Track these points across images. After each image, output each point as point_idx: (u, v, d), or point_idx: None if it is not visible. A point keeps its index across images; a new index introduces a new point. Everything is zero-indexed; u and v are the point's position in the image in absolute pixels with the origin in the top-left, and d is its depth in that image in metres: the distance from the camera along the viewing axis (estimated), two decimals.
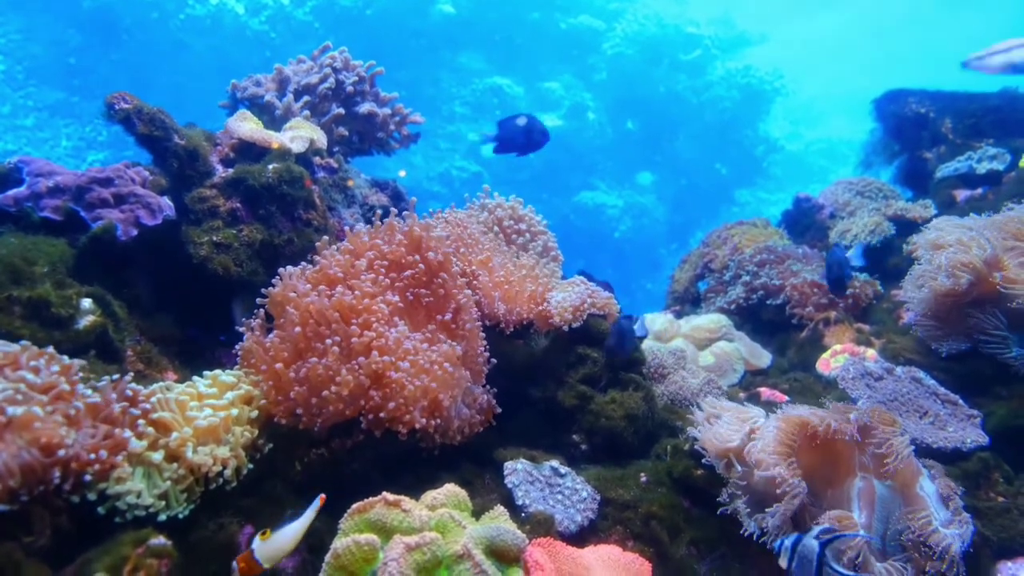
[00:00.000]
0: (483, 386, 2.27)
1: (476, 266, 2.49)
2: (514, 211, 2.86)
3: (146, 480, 1.64)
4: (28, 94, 11.60)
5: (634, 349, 2.53)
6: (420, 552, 1.42)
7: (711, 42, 15.02)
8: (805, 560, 1.60)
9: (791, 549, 1.63)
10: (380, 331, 1.98)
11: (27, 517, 1.48)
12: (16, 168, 2.32)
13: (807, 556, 1.60)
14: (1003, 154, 3.78)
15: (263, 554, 1.47)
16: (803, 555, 1.61)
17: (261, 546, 1.47)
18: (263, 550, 1.47)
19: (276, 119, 3.07)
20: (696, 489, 2.07)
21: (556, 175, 13.81)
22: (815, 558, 1.59)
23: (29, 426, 1.45)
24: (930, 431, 2.33)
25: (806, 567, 1.60)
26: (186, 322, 2.49)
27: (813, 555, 1.59)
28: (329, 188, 2.97)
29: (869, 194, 4.23)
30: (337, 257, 2.21)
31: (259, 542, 1.48)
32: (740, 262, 3.81)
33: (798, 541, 1.64)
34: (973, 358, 2.60)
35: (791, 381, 2.90)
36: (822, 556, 1.59)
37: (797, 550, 1.62)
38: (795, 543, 1.64)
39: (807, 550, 1.61)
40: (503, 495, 1.94)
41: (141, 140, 2.47)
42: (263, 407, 1.97)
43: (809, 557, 1.59)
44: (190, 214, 2.47)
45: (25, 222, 2.22)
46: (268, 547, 1.48)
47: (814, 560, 1.58)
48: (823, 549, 1.60)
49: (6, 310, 1.84)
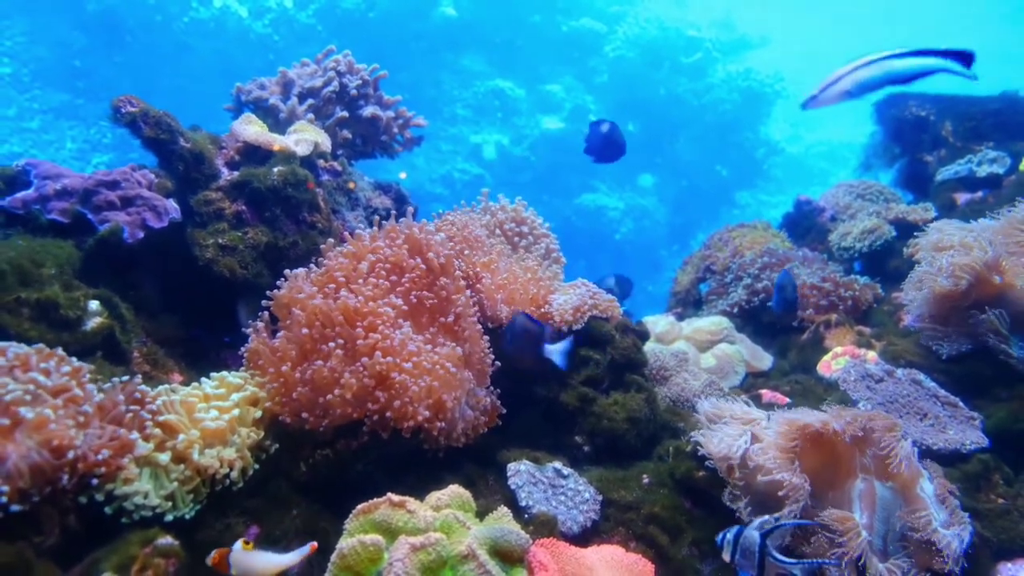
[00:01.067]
0: (487, 388, 2.29)
1: (479, 268, 2.51)
2: (517, 214, 2.87)
3: (153, 481, 1.66)
4: (33, 96, 11.63)
5: (533, 346, 2.29)
6: (425, 552, 1.43)
7: (712, 45, 15.03)
8: (747, 552, 1.63)
9: (733, 542, 1.66)
10: (386, 333, 2.00)
11: (37, 517, 1.50)
12: (24, 171, 2.34)
13: (749, 548, 1.63)
14: (1003, 157, 3.79)
15: (236, 562, 1.50)
16: (745, 547, 1.63)
17: (239, 554, 1.50)
18: (238, 558, 1.50)
19: (280, 122, 3.09)
20: (698, 490, 2.09)
21: (557, 177, 13.82)
22: (757, 549, 1.61)
23: (40, 428, 1.47)
24: (930, 433, 2.34)
25: (749, 558, 1.62)
26: (191, 324, 2.52)
27: (755, 546, 1.61)
28: (333, 191, 2.99)
29: (870, 197, 4.24)
30: (341, 260, 2.23)
31: (240, 548, 1.50)
32: (741, 265, 3.82)
33: (739, 533, 1.66)
34: (973, 360, 2.61)
35: (792, 383, 2.91)
36: (763, 547, 1.61)
37: (739, 542, 1.65)
38: (737, 535, 1.66)
39: (748, 542, 1.63)
40: (506, 496, 1.96)
41: (147, 143, 2.49)
42: (268, 408, 1.99)
43: (751, 548, 1.62)
44: (196, 216, 2.48)
45: (33, 224, 2.24)
46: (243, 559, 1.50)
47: (756, 551, 1.61)
48: (764, 540, 1.62)
49: (15, 312, 1.86)
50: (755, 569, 1.61)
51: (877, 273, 3.68)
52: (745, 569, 1.63)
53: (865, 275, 3.71)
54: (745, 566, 1.63)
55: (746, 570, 1.63)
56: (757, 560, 1.61)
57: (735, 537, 1.66)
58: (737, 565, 1.65)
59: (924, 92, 4.47)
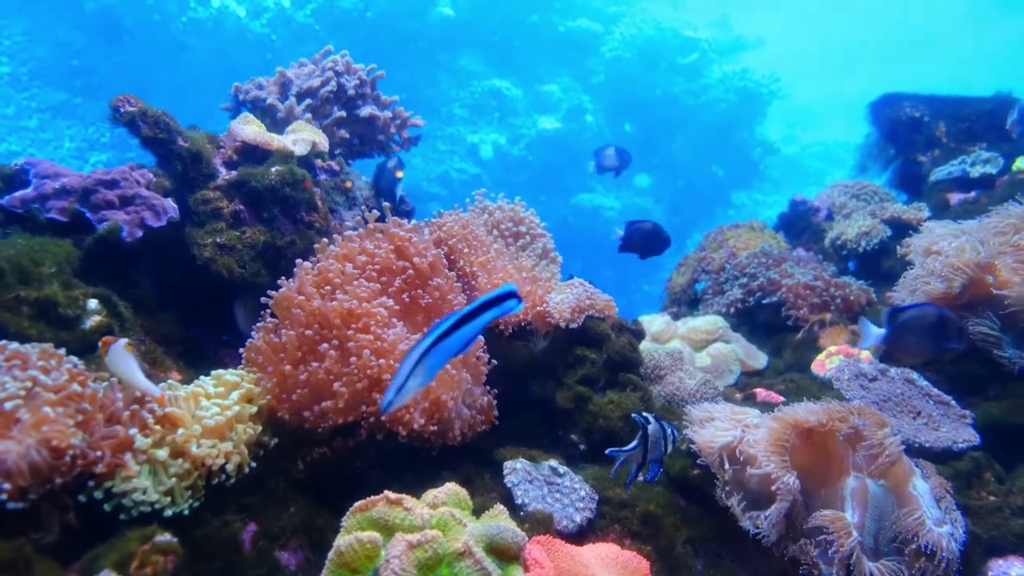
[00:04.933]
0: (484, 387, 2.30)
1: (476, 267, 2.52)
2: (515, 213, 2.89)
3: (152, 477, 1.67)
4: (32, 95, 11.61)
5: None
6: (422, 549, 1.44)
7: (708, 45, 15.07)
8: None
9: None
10: (378, 334, 2.01)
11: (36, 514, 1.51)
12: (22, 170, 2.35)
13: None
14: (996, 158, 3.82)
15: (111, 354, 1.70)
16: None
17: (117, 350, 1.70)
18: (114, 353, 1.70)
19: (278, 122, 3.10)
20: (692, 488, 2.11)
21: (554, 177, 13.84)
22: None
23: (40, 426, 1.48)
24: (923, 431, 2.36)
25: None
26: (189, 322, 2.52)
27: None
28: (331, 190, 3.00)
29: (864, 197, 4.27)
30: (331, 261, 2.24)
31: (122, 346, 1.71)
32: (737, 265, 3.85)
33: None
34: (966, 359, 2.63)
35: (787, 382, 2.93)
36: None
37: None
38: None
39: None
40: (503, 494, 1.97)
41: (146, 142, 2.50)
42: (265, 405, 2.00)
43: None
44: (194, 216, 2.49)
45: (32, 223, 2.24)
46: (117, 356, 1.70)
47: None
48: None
49: (14, 310, 1.87)
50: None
51: (872, 273, 3.71)
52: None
53: (860, 275, 3.73)
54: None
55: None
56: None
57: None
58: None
59: (919, 93, 4.50)
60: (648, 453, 1.81)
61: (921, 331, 2.28)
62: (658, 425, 1.83)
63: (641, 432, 1.81)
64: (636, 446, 1.81)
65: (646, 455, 1.82)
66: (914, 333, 2.29)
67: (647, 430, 1.81)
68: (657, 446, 1.81)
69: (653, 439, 1.81)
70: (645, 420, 1.83)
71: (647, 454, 1.81)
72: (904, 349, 2.35)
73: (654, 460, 1.83)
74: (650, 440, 1.81)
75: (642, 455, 1.82)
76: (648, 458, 1.82)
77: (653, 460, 1.83)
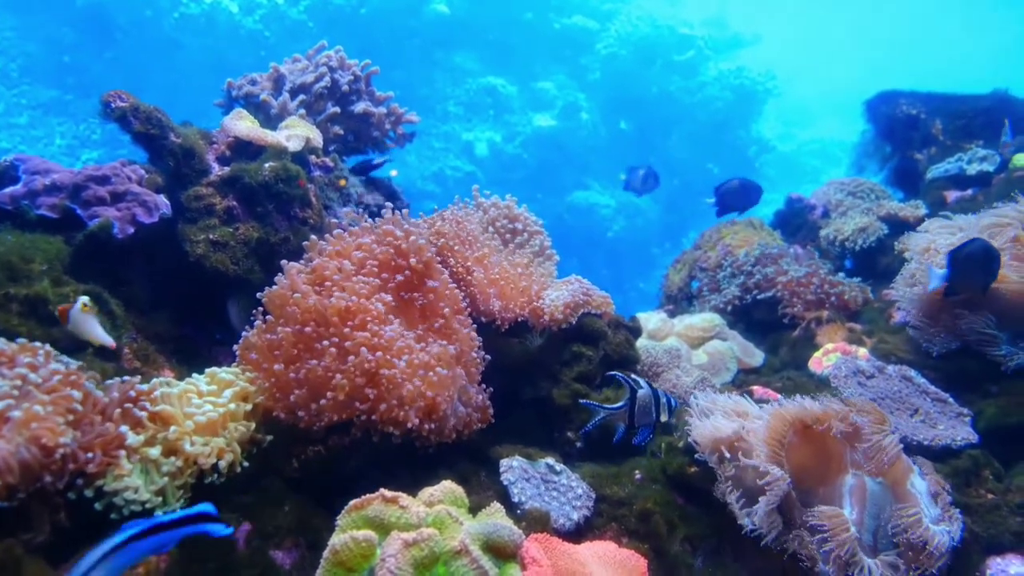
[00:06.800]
0: (479, 384, 2.28)
1: (472, 263, 2.50)
2: (509, 211, 2.87)
3: (144, 476, 1.65)
4: (22, 92, 11.53)
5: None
6: (418, 548, 1.43)
7: (704, 43, 15.06)
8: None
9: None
10: (375, 330, 1.99)
11: (26, 514, 1.48)
12: (12, 166, 2.32)
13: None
14: (993, 155, 3.81)
15: (73, 318, 1.86)
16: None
17: (78, 313, 1.86)
18: (76, 316, 1.86)
19: (272, 118, 3.07)
20: (690, 486, 2.09)
21: (549, 175, 13.81)
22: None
23: (29, 424, 1.46)
24: (921, 429, 2.36)
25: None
26: (182, 320, 2.50)
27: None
28: (325, 187, 2.98)
29: (861, 194, 4.26)
30: (327, 259, 2.21)
31: (79, 308, 1.87)
32: (733, 262, 3.84)
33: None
34: (963, 357, 2.63)
35: (784, 379, 2.92)
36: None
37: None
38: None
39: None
40: (499, 492, 1.96)
41: (137, 138, 2.47)
42: (259, 403, 1.98)
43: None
44: (186, 212, 2.47)
45: (22, 220, 2.22)
46: (79, 318, 1.86)
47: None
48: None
49: (4, 307, 1.85)
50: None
51: (868, 270, 3.70)
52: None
53: (857, 272, 3.73)
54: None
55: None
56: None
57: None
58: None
59: (915, 90, 4.50)
60: (636, 417, 1.79)
61: (977, 264, 2.47)
62: (650, 391, 1.80)
63: (629, 395, 1.78)
64: (622, 406, 1.79)
65: (633, 418, 1.79)
66: (973, 266, 2.47)
67: (636, 394, 1.78)
68: (647, 411, 1.79)
69: (642, 403, 1.78)
70: (635, 383, 1.80)
71: (634, 418, 1.79)
72: (967, 283, 2.53)
73: (645, 425, 1.81)
74: (638, 404, 1.78)
75: (628, 417, 1.79)
76: (637, 423, 1.80)
77: (644, 425, 1.81)
